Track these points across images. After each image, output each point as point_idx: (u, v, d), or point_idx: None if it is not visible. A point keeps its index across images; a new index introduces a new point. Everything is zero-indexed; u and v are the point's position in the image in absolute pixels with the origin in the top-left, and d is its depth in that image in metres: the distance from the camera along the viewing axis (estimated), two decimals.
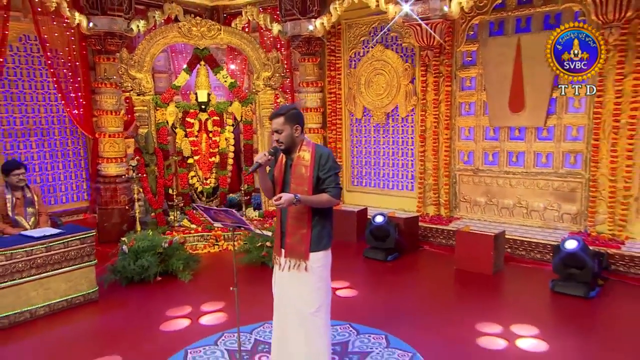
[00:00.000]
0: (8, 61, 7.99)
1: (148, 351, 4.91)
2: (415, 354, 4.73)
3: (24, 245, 5.40)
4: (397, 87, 8.80)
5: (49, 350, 5.05)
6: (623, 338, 5.23)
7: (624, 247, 6.63)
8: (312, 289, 4.03)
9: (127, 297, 6.35)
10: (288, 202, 3.68)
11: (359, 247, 8.07)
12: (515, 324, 5.38)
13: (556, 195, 7.55)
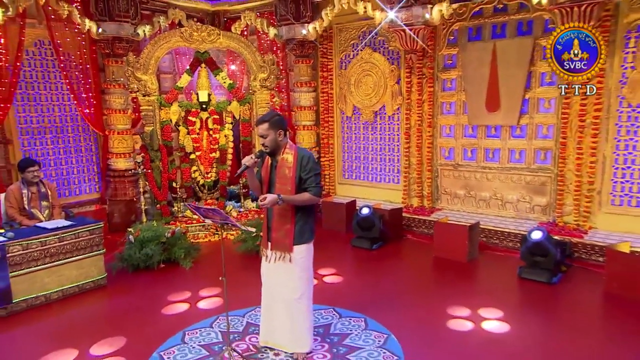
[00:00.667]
0: (25, 65, 7.99)
1: (150, 333, 5.02)
2: (390, 335, 4.84)
3: (39, 236, 5.57)
4: (384, 88, 8.82)
5: (61, 331, 5.17)
6: (580, 320, 5.34)
7: (587, 236, 6.72)
8: (296, 278, 4.20)
9: (133, 283, 6.44)
10: (272, 203, 3.88)
11: (347, 236, 8.12)
12: (482, 308, 5.48)
13: (528, 188, 7.62)
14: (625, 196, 6.76)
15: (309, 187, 4.06)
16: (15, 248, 5.33)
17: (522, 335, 4.96)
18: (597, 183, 6.90)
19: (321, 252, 7.28)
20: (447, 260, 7.00)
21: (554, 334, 5.00)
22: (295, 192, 4.04)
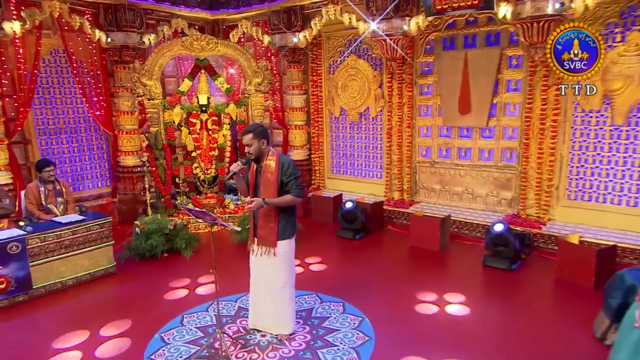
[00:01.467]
0: (41, 72, 8.13)
1: (153, 316, 5.18)
2: (364, 318, 5.02)
3: (54, 229, 5.73)
4: (368, 91, 8.92)
5: (75, 314, 5.33)
6: (533, 303, 5.54)
7: (545, 227, 6.91)
8: (280, 269, 4.42)
9: (139, 270, 6.57)
10: (257, 206, 4.12)
11: (333, 227, 8.20)
12: (448, 293, 5.64)
13: (495, 184, 7.77)
14: (579, 191, 6.96)
15: (290, 189, 4.25)
16: (34, 241, 5.52)
17: (481, 317, 5.12)
18: (556, 179, 7.08)
19: (309, 242, 7.60)
20: (422, 249, 7.13)
21: (509, 315, 5.17)
22: (278, 194, 4.22)
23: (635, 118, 6.34)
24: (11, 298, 5.42)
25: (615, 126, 6.52)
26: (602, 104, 6.53)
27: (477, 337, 4.68)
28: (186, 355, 4.30)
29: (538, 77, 6.81)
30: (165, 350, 4.40)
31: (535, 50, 6.49)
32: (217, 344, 4.41)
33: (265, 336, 4.61)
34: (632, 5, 6.12)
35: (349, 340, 4.54)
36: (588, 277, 5.45)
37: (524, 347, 4.48)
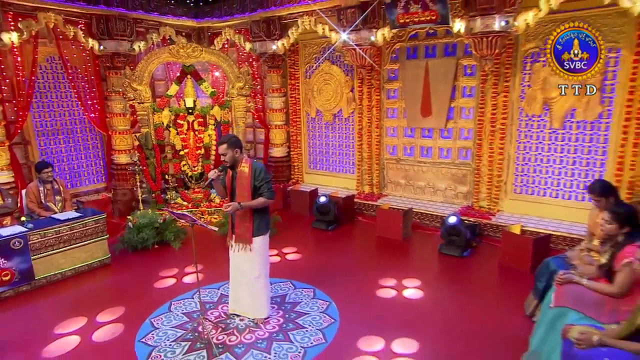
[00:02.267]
0: (39, 78, 8.20)
1: (144, 303, 5.31)
2: (331, 303, 5.24)
3: (53, 226, 5.88)
4: (341, 95, 9.08)
5: (74, 302, 5.45)
6: (478, 286, 5.84)
7: (494, 218, 7.22)
8: (255, 262, 4.65)
9: (131, 261, 6.68)
10: (234, 209, 4.36)
11: (309, 219, 8.33)
12: (406, 278, 5.86)
13: (453, 179, 8.04)
14: (524, 186, 7.30)
15: (263, 192, 4.47)
16: (35, 236, 5.67)
17: (432, 299, 5.38)
18: (504, 175, 7.38)
19: (286, 233, 7.78)
20: (387, 238, 7.33)
21: (456, 297, 5.42)
22: (252, 196, 4.44)
23: (569, 122, 6.68)
24: (16, 288, 5.57)
25: (553, 129, 6.85)
26: (542, 110, 6.83)
27: (428, 317, 4.95)
28: (173, 338, 4.53)
29: (489, 85, 7.08)
30: (155, 334, 4.61)
31: (486, 61, 6.76)
32: (200, 328, 4.63)
33: (244, 320, 4.83)
34: (567, 23, 6.40)
35: (317, 323, 4.79)
36: (525, 263, 5.76)
37: (467, 324, 4.77)
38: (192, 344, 4.43)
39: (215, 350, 4.23)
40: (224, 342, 4.43)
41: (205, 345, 4.36)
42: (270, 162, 10.09)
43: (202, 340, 4.46)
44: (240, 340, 4.49)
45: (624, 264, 3.46)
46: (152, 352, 4.30)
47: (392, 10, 7.03)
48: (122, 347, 4.45)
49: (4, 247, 5.39)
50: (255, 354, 4.24)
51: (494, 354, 4.24)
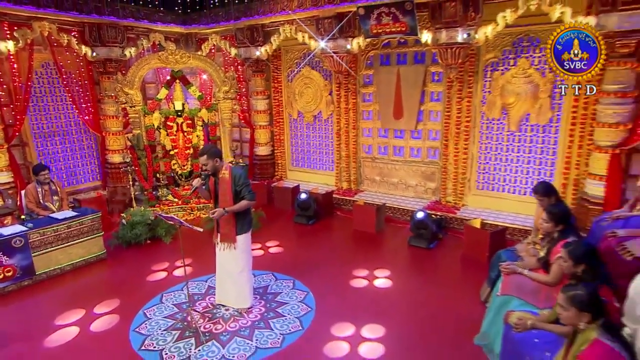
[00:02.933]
0: (35, 83, 8.24)
1: (137, 295, 5.46)
2: (308, 292, 5.46)
3: (52, 225, 6.00)
4: (320, 97, 9.22)
5: (73, 295, 5.58)
6: (442, 274, 6.10)
7: (459, 212, 7.48)
8: (238, 258, 4.85)
9: (126, 256, 6.77)
10: (220, 215, 4.54)
11: (291, 214, 8.43)
12: (377, 269, 6.06)
13: (423, 176, 8.27)
14: (485, 183, 7.59)
15: (244, 195, 4.65)
16: (35, 235, 5.80)
17: (400, 288, 5.61)
18: (468, 173, 7.64)
19: (270, 227, 7.91)
20: (362, 232, 7.52)
21: (422, 286, 5.66)
22: (233, 200, 4.62)
23: (524, 126, 6.98)
24: (18, 283, 5.71)
25: (511, 132, 7.13)
26: (501, 114, 7.10)
27: (395, 305, 5.18)
28: (164, 327, 4.74)
29: (454, 90, 7.32)
30: (147, 324, 4.82)
31: (451, 69, 7.01)
32: (188, 318, 4.84)
33: (229, 310, 5.04)
34: (520, 37, 6.69)
35: (295, 311, 5.03)
36: (483, 254, 6.04)
37: (429, 310, 5.04)
38: (182, 332, 4.64)
39: (202, 338, 4.48)
40: (210, 331, 4.66)
41: (193, 334, 4.58)
42: (255, 160, 10.26)
43: (190, 329, 4.67)
44: (225, 328, 4.71)
45: (557, 257, 3.78)
46: (145, 341, 4.51)
47: (366, 22, 7.23)
48: (118, 336, 4.64)
49: (6, 245, 5.54)
50: (238, 341, 4.47)
51: (451, 336, 4.53)
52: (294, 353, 4.32)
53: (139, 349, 4.40)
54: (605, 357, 2.55)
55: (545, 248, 4.17)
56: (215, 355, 4.25)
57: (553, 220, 4.07)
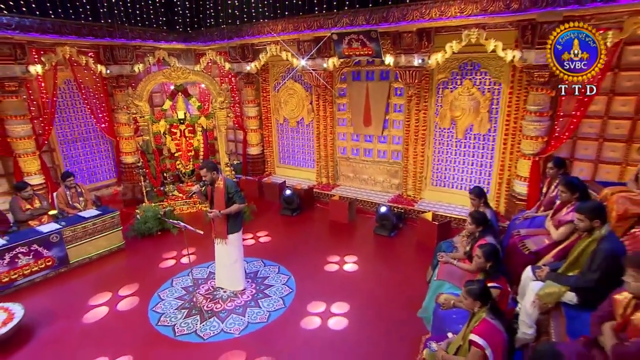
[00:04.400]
0: (59, 97, 8.67)
1: (152, 280, 5.97)
2: (290, 276, 5.97)
3: (81, 222, 6.53)
4: (302, 106, 9.62)
5: (101, 279, 6.07)
6: (399, 259, 6.52)
7: (417, 205, 8.00)
8: (231, 252, 5.37)
9: (140, 246, 7.19)
10: (215, 215, 5.09)
11: (279, 207, 8.81)
12: (347, 255, 6.55)
13: (388, 174, 8.79)
14: (439, 180, 8.14)
15: (235, 199, 5.14)
16: (67, 231, 6.34)
17: (366, 271, 6.13)
18: (424, 171, 8.18)
19: (260, 219, 8.30)
20: (336, 222, 8.01)
21: (382, 269, 6.17)
22: (226, 205, 5.11)
23: (469, 134, 7.56)
24: (56, 270, 6.26)
25: (458, 139, 7.70)
26: (451, 124, 7.67)
27: (359, 286, 5.72)
28: (175, 307, 5.33)
29: (413, 103, 7.82)
30: (162, 304, 5.40)
31: (409, 87, 7.58)
32: (194, 299, 5.42)
33: (226, 292, 5.60)
34: (465, 62, 7.26)
35: (279, 292, 5.60)
36: (432, 242, 6.60)
37: (385, 289, 5.61)
38: (189, 311, 5.24)
39: (205, 315, 5.12)
40: (211, 309, 5.27)
41: (198, 312, 5.19)
42: (248, 159, 10.77)
43: (196, 308, 5.27)
44: (223, 307, 5.30)
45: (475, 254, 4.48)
46: (161, 318, 5.12)
47: (339, 45, 7.73)
48: (139, 314, 5.23)
49: (45, 241, 6.09)
50: (234, 317, 5.09)
51: (400, 310, 5.14)
52: (278, 326, 4.95)
53: (156, 325, 5.00)
54: (489, 329, 3.26)
55: (469, 244, 4.87)
56: (215, 329, 4.89)
57: (475, 223, 4.76)
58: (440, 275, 4.89)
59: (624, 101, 6.12)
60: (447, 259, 5.00)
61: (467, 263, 4.82)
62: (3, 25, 6.69)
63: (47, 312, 5.29)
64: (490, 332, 3.24)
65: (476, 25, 6.45)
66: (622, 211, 4.13)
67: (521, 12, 5.93)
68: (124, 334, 4.85)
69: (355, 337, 4.73)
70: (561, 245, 4.14)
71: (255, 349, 4.53)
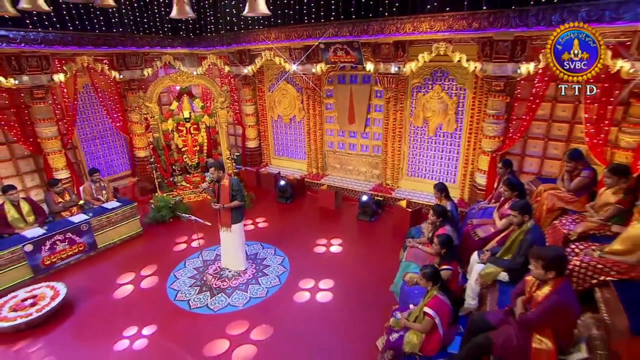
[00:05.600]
0: (79, 100, 9.01)
1: (168, 261, 6.42)
2: (285, 257, 6.45)
3: (105, 213, 6.98)
4: (294, 105, 10.01)
5: (125, 262, 6.52)
6: (378, 241, 6.94)
7: (394, 192, 8.53)
8: (234, 239, 5.84)
9: (156, 232, 7.61)
10: (220, 208, 5.64)
11: (274, 195, 9.23)
12: (333, 238, 6.99)
13: (370, 165, 9.27)
14: (413, 171, 8.65)
15: (237, 197, 5.61)
16: (95, 221, 6.83)
17: (349, 252, 6.60)
18: (401, 164, 8.68)
19: (258, 206, 8.74)
20: (325, 208, 8.45)
21: (364, 249, 6.62)
22: (230, 200, 5.59)
23: (439, 132, 8.06)
24: (87, 254, 6.78)
25: (430, 136, 8.21)
26: (423, 123, 8.16)
27: (342, 265, 6.23)
28: (188, 284, 5.89)
29: (391, 105, 8.28)
30: (177, 283, 5.95)
31: (387, 90, 8.04)
32: (204, 278, 5.98)
33: (231, 272, 6.13)
34: (435, 70, 7.73)
35: (275, 271, 6.14)
36: (406, 226, 7.13)
37: (365, 267, 6.14)
38: (201, 287, 5.81)
39: (215, 291, 5.72)
40: (219, 287, 5.84)
41: (208, 289, 5.76)
42: (246, 152, 11.23)
43: (206, 285, 5.84)
44: (229, 284, 5.85)
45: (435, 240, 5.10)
46: (177, 294, 5.69)
47: (326, 53, 8.15)
48: (159, 292, 5.78)
49: (77, 229, 6.61)
50: (238, 293, 5.67)
51: (376, 285, 5.69)
52: (274, 300, 5.54)
53: (174, 300, 5.58)
54: (438, 303, 3.92)
55: (432, 232, 5.49)
56: (223, 303, 5.48)
57: (435, 215, 5.37)
58: (408, 257, 5.51)
59: (564, 107, 6.71)
60: (413, 244, 5.62)
61: (430, 247, 5.44)
62: (31, 41, 7.06)
63: (84, 290, 5.85)
64: (440, 305, 3.91)
65: (444, 40, 6.90)
66: (551, 205, 4.77)
67: (480, 30, 6.40)
68: (148, 308, 5.43)
69: (339, 308, 5.33)
70: (502, 234, 4.77)
71: (256, 319, 5.14)
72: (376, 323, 4.93)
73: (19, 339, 4.88)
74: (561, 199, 4.72)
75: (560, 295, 2.97)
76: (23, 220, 6.45)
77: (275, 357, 4.50)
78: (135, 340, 4.83)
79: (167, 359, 4.52)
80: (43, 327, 5.05)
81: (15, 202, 6.44)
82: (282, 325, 5.02)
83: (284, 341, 4.77)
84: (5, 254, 5.77)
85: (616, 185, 4.15)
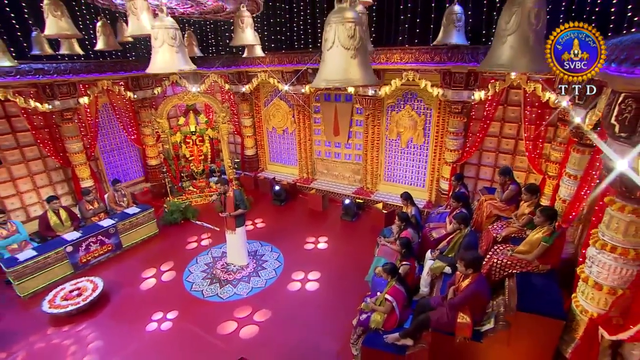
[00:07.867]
0: (99, 118, 9.69)
1: (182, 258, 7.14)
2: (280, 253, 7.21)
3: (128, 218, 7.74)
4: (287, 119, 10.76)
5: (146, 258, 7.20)
6: (359, 238, 7.61)
7: (373, 195, 9.36)
8: (238, 240, 6.63)
9: (170, 232, 8.26)
10: (226, 216, 6.55)
11: (270, 198, 9.86)
12: (320, 236, 7.74)
13: (353, 171, 10.09)
14: (390, 177, 9.52)
15: (240, 206, 6.41)
16: (120, 225, 7.62)
17: (334, 248, 7.36)
18: (379, 170, 9.54)
19: (256, 208, 9.55)
20: (314, 210, 9.19)
21: (345, 246, 7.38)
22: (235, 209, 6.41)
23: (410, 144, 8.93)
24: (114, 253, 7.56)
25: (402, 148, 9.08)
26: (397, 137, 9.03)
27: (328, 259, 7.00)
28: (201, 277, 6.74)
29: (369, 120, 9.09)
30: (191, 276, 6.80)
31: (366, 108, 8.93)
32: (213, 271, 6.84)
33: (235, 266, 6.93)
34: (406, 92, 8.60)
35: (272, 265, 6.98)
36: (381, 225, 7.96)
37: (346, 261, 6.92)
38: (211, 280, 6.68)
39: (223, 283, 6.64)
40: (226, 279, 6.73)
41: (217, 281, 6.65)
42: (245, 159, 12.02)
43: (215, 278, 6.74)
44: (234, 277, 6.71)
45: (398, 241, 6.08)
46: (192, 286, 6.56)
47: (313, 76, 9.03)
48: (178, 284, 6.62)
49: (106, 232, 7.43)
50: (242, 284, 6.54)
51: (355, 275, 6.50)
52: (272, 289, 6.42)
53: (190, 290, 6.45)
54: (395, 292, 4.90)
55: (398, 233, 6.46)
56: (230, 292, 6.38)
57: (400, 220, 6.34)
58: (379, 253, 6.46)
59: (510, 126, 7.71)
60: (383, 242, 6.59)
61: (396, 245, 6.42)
62: (62, 71, 7.85)
63: (115, 283, 6.69)
64: (396, 293, 4.90)
65: (412, 69, 7.82)
66: (489, 212, 5.78)
67: (441, 63, 7.34)
68: (170, 297, 6.31)
69: (324, 295, 6.24)
70: (451, 236, 5.77)
71: (257, 305, 6.04)
72: (352, 306, 5.75)
73: (70, 322, 5.80)
74: (496, 207, 5.73)
75: (476, 286, 3.98)
76: (62, 225, 7.33)
77: (273, 335, 5.46)
78: (162, 323, 5.77)
79: (190, 337, 5.48)
80: (89, 313, 5.95)
81: (56, 210, 7.30)
82: (279, 309, 5.87)
83: (280, 322, 5.67)
84: (52, 254, 6.67)
85: (530, 200, 5.17)
